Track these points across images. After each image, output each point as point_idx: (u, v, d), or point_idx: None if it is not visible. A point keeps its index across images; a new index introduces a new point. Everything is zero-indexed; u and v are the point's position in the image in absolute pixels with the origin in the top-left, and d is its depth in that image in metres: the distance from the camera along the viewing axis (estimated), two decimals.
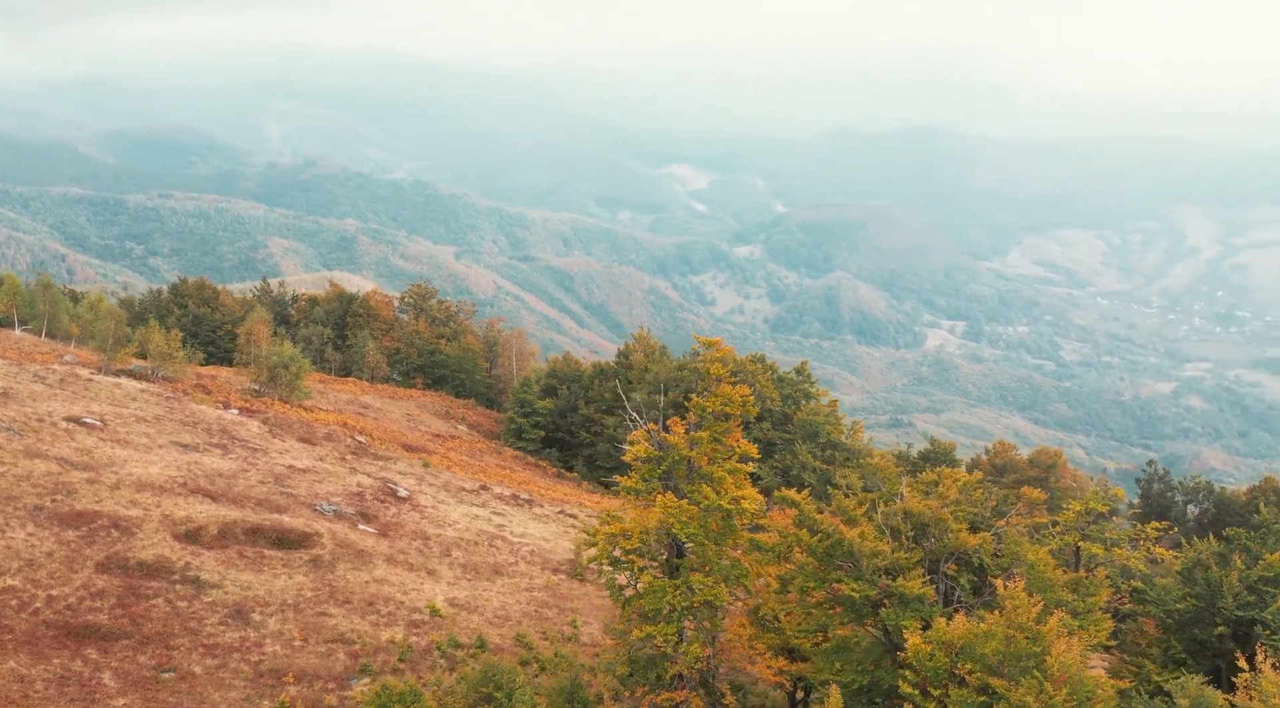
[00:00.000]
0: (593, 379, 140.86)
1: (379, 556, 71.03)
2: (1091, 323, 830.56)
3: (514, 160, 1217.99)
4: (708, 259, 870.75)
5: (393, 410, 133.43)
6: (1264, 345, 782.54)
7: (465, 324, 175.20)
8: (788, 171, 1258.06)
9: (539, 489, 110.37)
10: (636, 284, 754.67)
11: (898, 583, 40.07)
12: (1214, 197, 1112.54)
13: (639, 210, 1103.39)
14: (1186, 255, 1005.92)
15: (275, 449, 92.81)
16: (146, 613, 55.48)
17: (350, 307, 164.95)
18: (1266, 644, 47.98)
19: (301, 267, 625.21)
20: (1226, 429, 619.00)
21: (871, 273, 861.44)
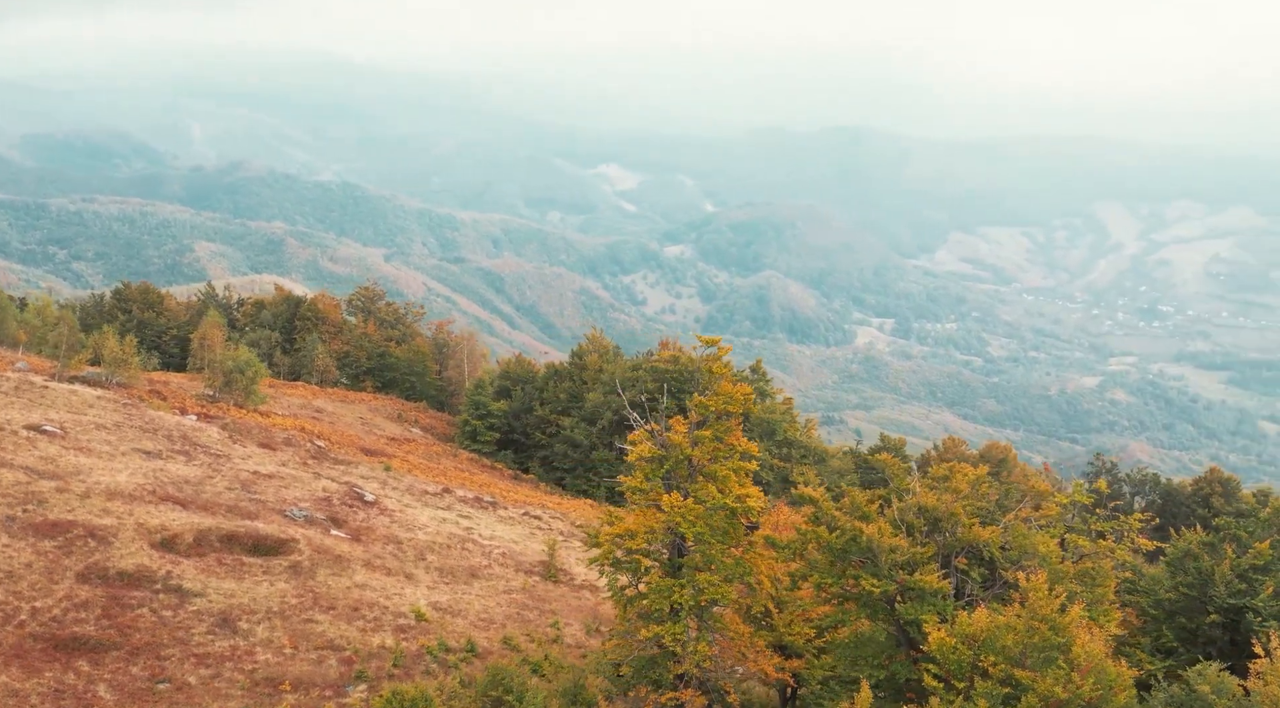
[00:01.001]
0: (547, 380, 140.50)
1: (357, 561, 70.34)
2: (1018, 319, 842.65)
3: (442, 161, 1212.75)
4: (638, 259, 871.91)
5: (346, 414, 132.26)
6: (1186, 339, 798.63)
7: (413, 327, 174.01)
8: (717, 171, 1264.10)
9: (500, 491, 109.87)
10: (568, 285, 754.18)
11: (914, 577, 40.34)
12: (1136, 193, 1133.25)
13: (569, 211, 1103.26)
14: (1110, 251, 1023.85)
15: (238, 455, 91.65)
16: (133, 623, 54.49)
17: (298, 310, 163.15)
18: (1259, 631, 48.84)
19: (229, 270, 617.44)
20: (1151, 422, 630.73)
21: (801, 272, 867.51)
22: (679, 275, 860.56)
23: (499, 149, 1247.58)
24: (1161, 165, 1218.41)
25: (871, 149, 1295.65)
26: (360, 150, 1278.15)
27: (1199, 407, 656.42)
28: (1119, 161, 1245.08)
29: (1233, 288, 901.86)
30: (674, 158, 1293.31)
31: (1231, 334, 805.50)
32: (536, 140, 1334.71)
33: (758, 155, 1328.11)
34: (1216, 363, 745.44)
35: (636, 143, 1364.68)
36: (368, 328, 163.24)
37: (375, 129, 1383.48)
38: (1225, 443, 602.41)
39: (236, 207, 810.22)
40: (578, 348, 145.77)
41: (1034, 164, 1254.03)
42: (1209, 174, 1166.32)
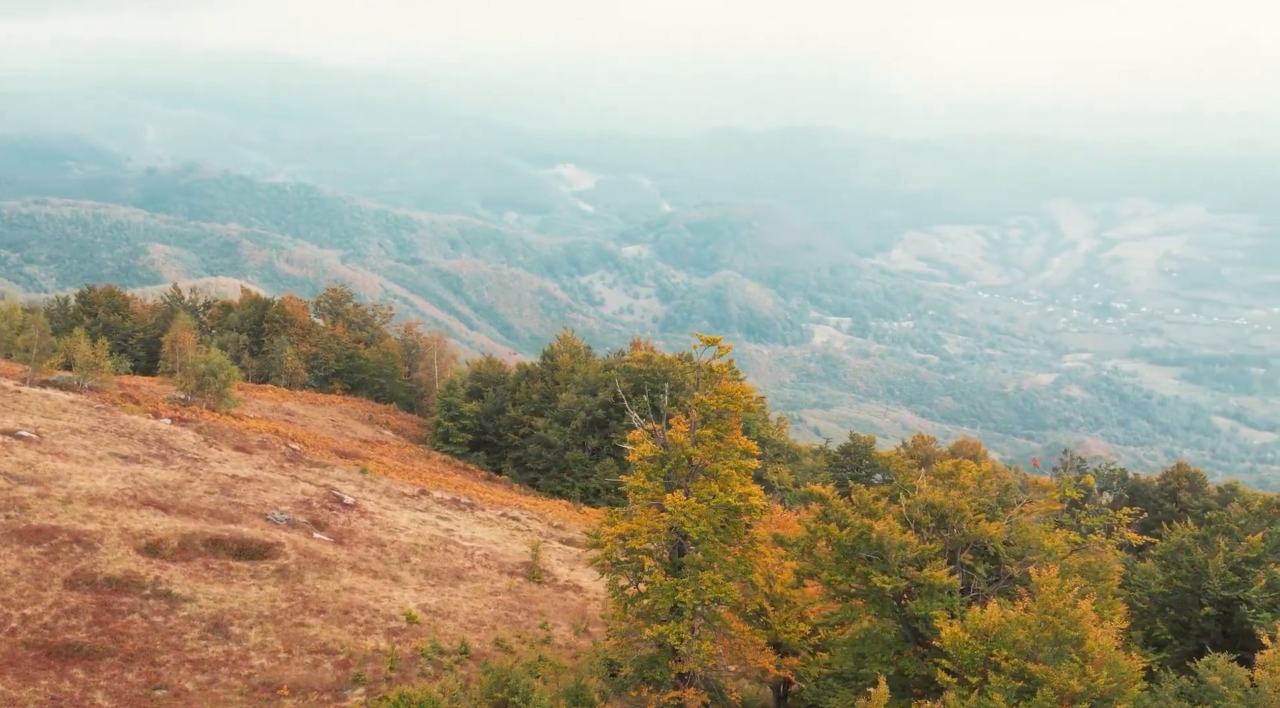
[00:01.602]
0: (519, 381, 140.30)
1: (343, 564, 69.95)
2: (973, 317, 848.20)
3: (398, 162, 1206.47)
4: (596, 259, 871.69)
5: (317, 417, 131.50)
6: (1140, 336, 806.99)
7: (381, 329, 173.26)
8: (674, 171, 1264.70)
9: (475, 493, 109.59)
10: (525, 285, 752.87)
11: (924, 573, 40.56)
12: (1089, 191, 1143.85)
13: (526, 211, 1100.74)
14: (1064, 249, 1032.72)
15: (214, 458, 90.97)
16: (125, 629, 53.95)
17: (266, 312, 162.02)
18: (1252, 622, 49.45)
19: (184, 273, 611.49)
20: (1106, 418, 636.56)
21: (758, 271, 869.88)
22: (637, 275, 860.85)
23: (455, 150, 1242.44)
24: (1114, 164, 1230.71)
25: (827, 149, 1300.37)
26: (315, 151, 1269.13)
27: (1153, 402, 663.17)
28: (1072, 160, 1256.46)
29: (1185, 285, 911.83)
30: (631, 158, 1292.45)
31: (1184, 330, 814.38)
32: (493, 141, 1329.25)
33: (714, 155, 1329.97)
34: (1170, 359, 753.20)
35: (593, 143, 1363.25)
36: (336, 330, 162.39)
37: (330, 130, 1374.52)
38: (1179, 438, 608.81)
39: (191, 209, 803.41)
40: (549, 348, 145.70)
41: (988, 163, 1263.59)
42: (1160, 172, 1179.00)
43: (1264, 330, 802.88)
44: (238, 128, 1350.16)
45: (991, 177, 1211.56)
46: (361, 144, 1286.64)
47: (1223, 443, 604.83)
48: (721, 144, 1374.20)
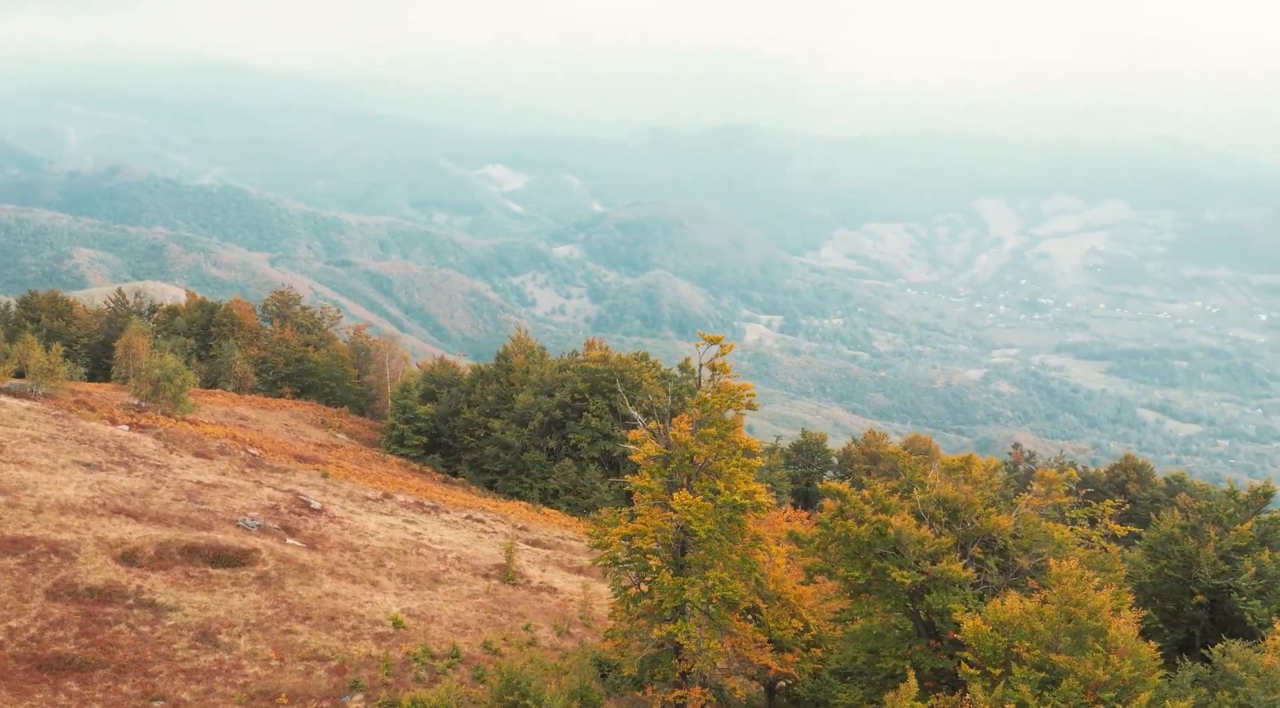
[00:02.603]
0: (473, 383, 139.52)
1: (321, 570, 69.19)
2: (903, 314, 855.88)
3: (325, 164, 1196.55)
4: (527, 260, 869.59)
5: (270, 421, 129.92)
6: (1065, 331, 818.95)
7: (329, 332, 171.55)
8: (604, 171, 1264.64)
9: (436, 495, 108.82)
10: (457, 287, 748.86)
11: (940, 567, 40.82)
12: (1015, 189, 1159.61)
13: (455, 212, 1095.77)
14: (990, 246, 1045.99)
15: (176, 465, 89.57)
16: (113, 640, 52.98)
17: (213, 316, 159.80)
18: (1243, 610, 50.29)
19: (110, 277, 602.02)
20: (1034, 412, 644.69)
21: (690, 270, 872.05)
22: (568, 276, 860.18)
23: (383, 151, 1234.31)
24: (1039, 162, 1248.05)
25: (756, 148, 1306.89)
26: (241, 153, 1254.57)
27: (1080, 396, 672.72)
28: (998, 158, 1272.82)
29: (1109, 280, 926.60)
30: (560, 158, 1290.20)
31: (1108, 325, 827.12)
32: (421, 141, 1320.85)
33: (644, 155, 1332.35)
34: (1095, 353, 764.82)
35: (522, 143, 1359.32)
36: (285, 333, 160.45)
37: (256, 132, 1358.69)
38: (1106, 431, 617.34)
39: (116, 212, 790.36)
40: (503, 349, 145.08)
41: (915, 161, 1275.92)
42: (1085, 170, 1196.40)
43: (1186, 324, 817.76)
44: (162, 130, 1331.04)
45: (919, 175, 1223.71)
46: (288, 145, 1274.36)
47: (1149, 435, 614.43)
48: (651, 144, 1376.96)
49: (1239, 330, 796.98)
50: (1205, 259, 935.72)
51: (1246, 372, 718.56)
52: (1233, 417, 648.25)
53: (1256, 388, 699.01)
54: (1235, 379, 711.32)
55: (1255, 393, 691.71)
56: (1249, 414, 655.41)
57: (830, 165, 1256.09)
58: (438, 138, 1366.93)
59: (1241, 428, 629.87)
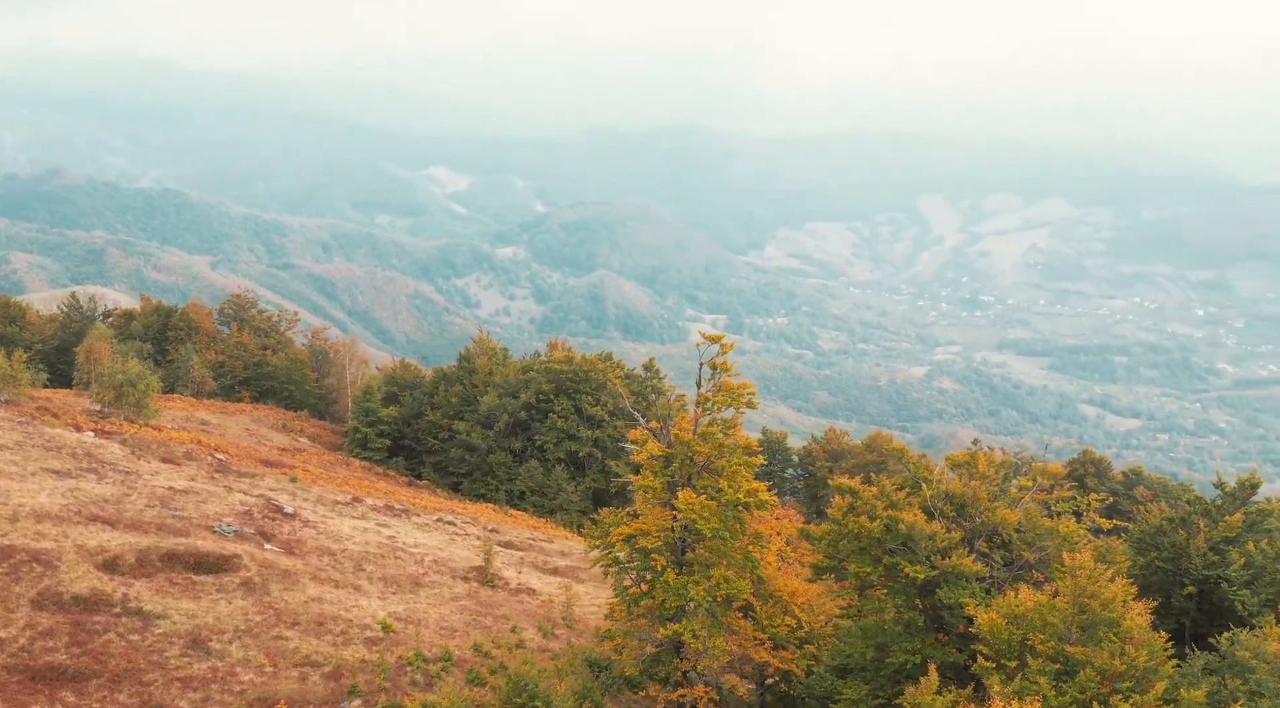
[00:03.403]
0: (436, 385, 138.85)
1: (304, 575, 68.64)
2: (846, 312, 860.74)
3: (265, 165, 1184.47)
4: (471, 261, 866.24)
5: (232, 426, 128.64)
6: (1006, 328, 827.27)
7: (286, 335, 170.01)
8: (547, 171, 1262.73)
9: (404, 498, 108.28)
10: (401, 289, 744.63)
11: (951, 561, 41.15)
12: (955, 187, 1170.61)
13: (398, 214, 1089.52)
14: (932, 244, 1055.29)
15: (146, 471, 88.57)
16: (104, 649, 52.31)
17: (169, 320, 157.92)
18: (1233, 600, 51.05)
19: (48, 282, 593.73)
20: (977, 408, 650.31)
21: (634, 270, 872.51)
22: (513, 277, 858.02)
23: (324, 152, 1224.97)
24: (979, 160, 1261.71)
25: (699, 148, 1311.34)
26: (181, 156, 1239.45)
27: (1022, 392, 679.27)
28: (938, 157, 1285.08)
29: (1049, 277, 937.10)
30: (503, 159, 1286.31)
31: (1049, 321, 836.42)
32: (362, 143, 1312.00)
33: (587, 155, 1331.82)
34: (1036, 349, 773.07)
35: (464, 144, 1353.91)
36: (242, 337, 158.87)
37: (195, 134, 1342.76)
38: (1048, 427, 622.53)
39: (54, 216, 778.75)
40: (465, 350, 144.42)
41: (856, 160, 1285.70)
42: (1023, 168, 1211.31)
43: (1125, 320, 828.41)
44: (100, 132, 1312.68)
45: (861, 174, 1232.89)
46: (228, 148, 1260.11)
47: (1090, 430, 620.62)
48: (594, 144, 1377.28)
49: (1177, 326, 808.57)
50: (1143, 256, 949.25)
51: (1184, 366, 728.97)
52: (1172, 411, 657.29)
53: (1194, 382, 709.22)
54: (1174, 374, 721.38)
55: (1193, 387, 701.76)
56: (1187, 408, 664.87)
57: (772, 165, 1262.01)
58: (379, 139, 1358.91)
59: (1180, 422, 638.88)
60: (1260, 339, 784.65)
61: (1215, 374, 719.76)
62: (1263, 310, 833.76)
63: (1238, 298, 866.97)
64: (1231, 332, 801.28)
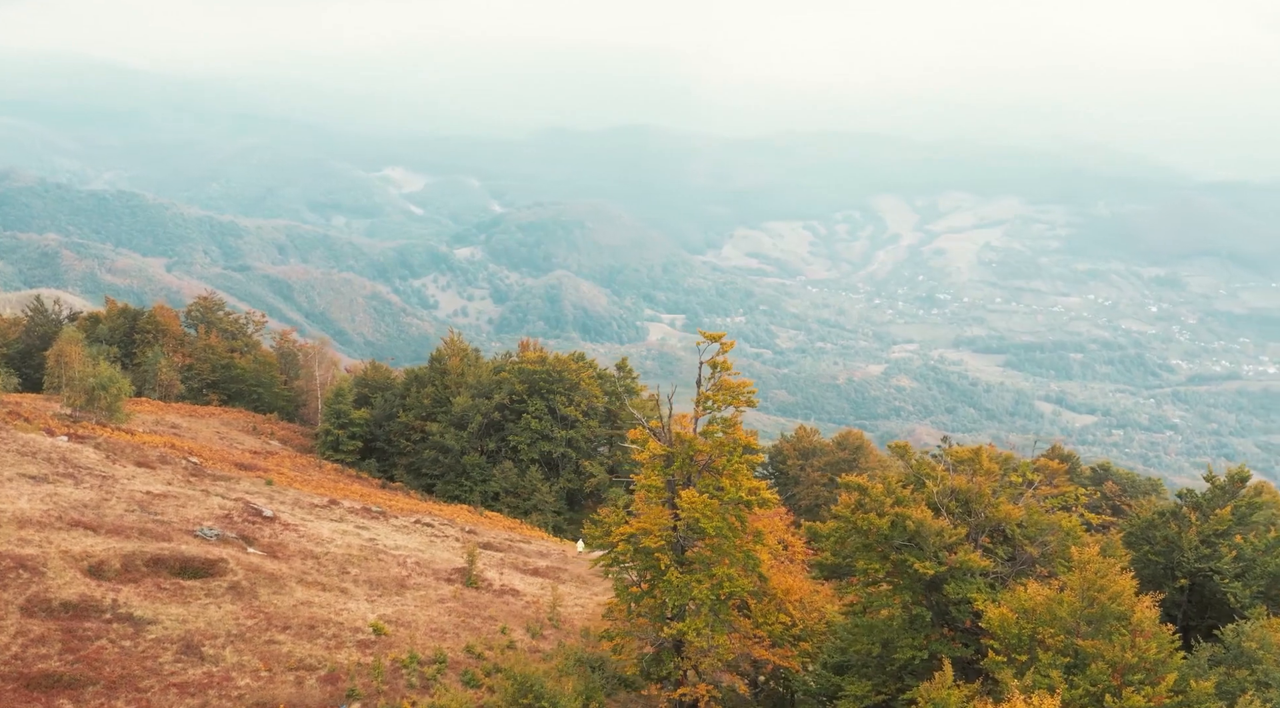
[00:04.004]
0: (408, 386, 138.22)
1: (290, 578, 68.22)
2: (804, 311, 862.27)
3: (220, 167, 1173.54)
4: (428, 262, 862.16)
5: (203, 429, 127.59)
6: (963, 325, 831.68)
7: (253, 337, 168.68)
8: (504, 172, 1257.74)
9: (380, 501, 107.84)
10: (358, 290, 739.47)
11: (959, 557, 41.37)
12: (911, 186, 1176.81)
13: (354, 215, 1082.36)
14: (888, 243, 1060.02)
15: (122, 475, 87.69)
16: (98, 655, 51.79)
17: (136, 323, 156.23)
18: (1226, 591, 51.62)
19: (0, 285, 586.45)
20: (935, 406, 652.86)
21: (592, 270, 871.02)
22: (470, 277, 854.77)
23: (279, 153, 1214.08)
24: (934, 159, 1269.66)
25: (656, 148, 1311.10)
26: (134, 157, 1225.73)
27: (979, 389, 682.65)
28: (893, 156, 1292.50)
29: (1004, 274, 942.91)
30: (459, 159, 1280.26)
31: (1004, 319, 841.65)
32: (317, 144, 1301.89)
33: (544, 155, 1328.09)
34: (992, 347, 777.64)
35: (421, 144, 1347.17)
36: (210, 339, 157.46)
37: (148, 135, 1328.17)
38: (1005, 423, 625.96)
39: (5, 219, 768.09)
40: (436, 352, 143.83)
41: (812, 160, 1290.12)
42: (978, 166, 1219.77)
43: (1080, 317, 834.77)
44: (51, 134, 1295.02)
45: (817, 173, 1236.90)
46: (182, 149, 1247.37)
47: (1046, 426, 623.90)
48: (551, 144, 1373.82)
49: (1131, 323, 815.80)
50: (1097, 253, 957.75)
51: (1139, 363, 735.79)
52: (1126, 407, 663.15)
53: (1149, 378, 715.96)
54: (1128, 370, 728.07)
55: (1147, 383, 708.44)
56: (1142, 404, 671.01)
57: (729, 164, 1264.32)
58: (334, 140, 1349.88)
59: (1135, 417, 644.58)
60: (1212, 335, 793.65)
61: (1169, 370, 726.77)
62: (1214, 307, 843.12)
63: (1190, 294, 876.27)
64: (1184, 328, 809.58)
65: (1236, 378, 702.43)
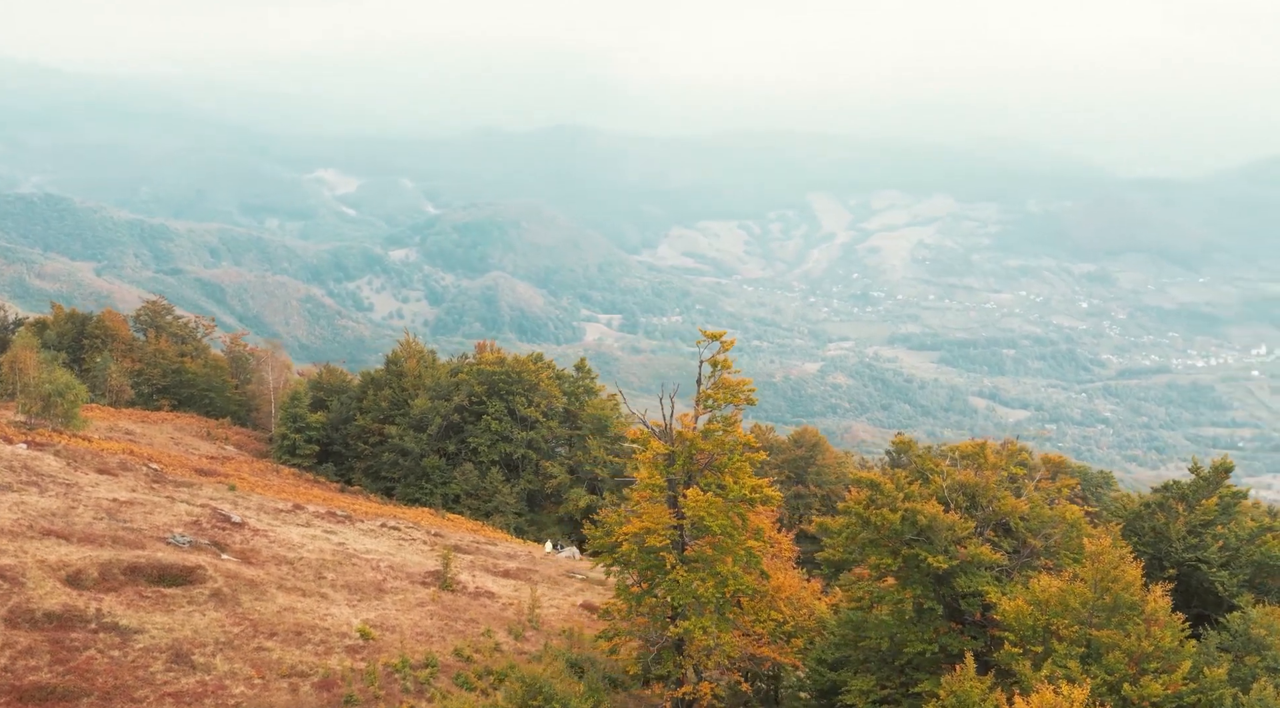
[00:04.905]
0: (364, 389, 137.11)
1: (269, 584, 67.54)
2: (740, 310, 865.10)
3: (150, 170, 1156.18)
4: (362, 264, 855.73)
5: (157, 435, 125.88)
6: (897, 323, 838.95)
7: (202, 342, 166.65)
8: (437, 172, 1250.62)
9: (343, 505, 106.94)
10: (292, 293, 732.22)
11: (970, 550, 41.76)
12: (844, 185, 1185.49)
13: (287, 217, 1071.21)
14: (822, 241, 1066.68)
15: (86, 483, 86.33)
16: (88, 666, 50.96)
17: (85, 328, 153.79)
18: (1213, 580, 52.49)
19: None
20: (870, 403, 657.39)
21: (528, 271, 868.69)
22: (405, 279, 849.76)
23: (210, 156, 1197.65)
24: (866, 157, 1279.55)
25: (589, 148, 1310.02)
26: (62, 160, 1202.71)
27: (914, 386, 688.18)
28: (827, 155, 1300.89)
29: (937, 272, 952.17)
30: (392, 160, 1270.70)
31: (938, 316, 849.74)
32: (249, 146, 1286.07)
33: (477, 156, 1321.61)
34: (926, 344, 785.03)
35: (353, 146, 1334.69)
36: (160, 344, 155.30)
37: (76, 138, 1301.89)
38: (940, 419, 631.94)
39: None
40: (392, 354, 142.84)
41: (746, 159, 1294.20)
42: (910, 165, 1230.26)
43: (1012, 314, 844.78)
44: None
45: (751, 172, 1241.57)
46: (112, 152, 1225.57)
47: (980, 422, 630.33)
48: (484, 145, 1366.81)
49: (1062, 318, 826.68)
50: (1028, 250, 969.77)
51: (1070, 358, 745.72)
52: (1059, 401, 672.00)
53: (1080, 373, 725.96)
54: (1060, 365, 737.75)
55: (1079, 378, 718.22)
56: (1074, 398, 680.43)
57: (663, 164, 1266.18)
58: (265, 142, 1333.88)
59: (1067, 412, 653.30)
60: (1141, 330, 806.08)
61: (1100, 365, 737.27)
62: (1143, 302, 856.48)
63: (1120, 290, 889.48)
64: (1115, 323, 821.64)
65: (1166, 372, 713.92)
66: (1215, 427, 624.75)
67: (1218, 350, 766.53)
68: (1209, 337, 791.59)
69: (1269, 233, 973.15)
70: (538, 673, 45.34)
